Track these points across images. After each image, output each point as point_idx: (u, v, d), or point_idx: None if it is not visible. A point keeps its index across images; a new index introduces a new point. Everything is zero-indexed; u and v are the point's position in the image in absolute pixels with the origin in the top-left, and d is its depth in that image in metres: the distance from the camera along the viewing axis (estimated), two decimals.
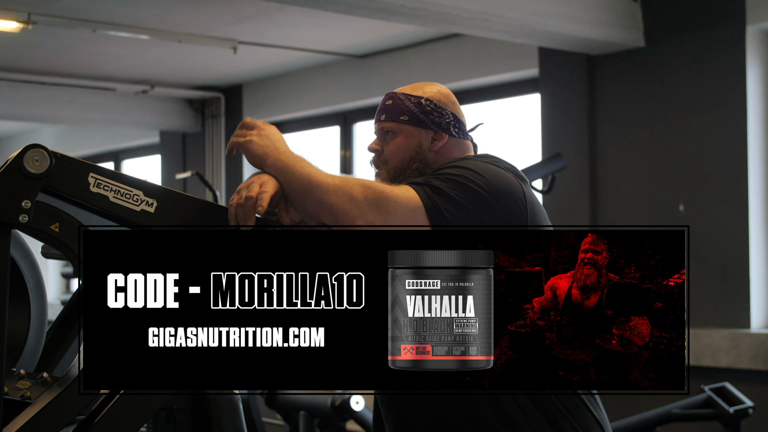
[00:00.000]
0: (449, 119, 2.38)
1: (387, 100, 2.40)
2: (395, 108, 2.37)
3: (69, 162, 1.90)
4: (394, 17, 5.23)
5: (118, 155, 11.19)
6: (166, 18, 6.58)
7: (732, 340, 5.40)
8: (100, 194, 1.92)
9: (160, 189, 1.99)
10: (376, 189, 2.07)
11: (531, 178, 5.49)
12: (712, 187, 5.60)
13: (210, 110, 9.38)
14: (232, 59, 7.71)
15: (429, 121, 2.35)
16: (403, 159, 2.34)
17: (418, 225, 2.06)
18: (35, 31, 6.60)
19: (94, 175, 1.91)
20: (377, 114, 2.41)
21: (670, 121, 5.78)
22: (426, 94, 2.39)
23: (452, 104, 2.42)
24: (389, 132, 2.37)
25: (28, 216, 1.85)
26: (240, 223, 2.01)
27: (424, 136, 2.35)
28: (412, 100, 2.37)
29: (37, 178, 1.86)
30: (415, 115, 2.35)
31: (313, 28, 6.86)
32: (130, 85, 8.80)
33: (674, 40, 5.76)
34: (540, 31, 5.56)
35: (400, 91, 2.40)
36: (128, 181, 1.95)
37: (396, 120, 2.36)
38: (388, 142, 2.37)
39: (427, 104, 2.37)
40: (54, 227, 1.88)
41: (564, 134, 6.28)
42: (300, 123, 8.91)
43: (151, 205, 1.97)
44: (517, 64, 6.78)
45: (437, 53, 7.31)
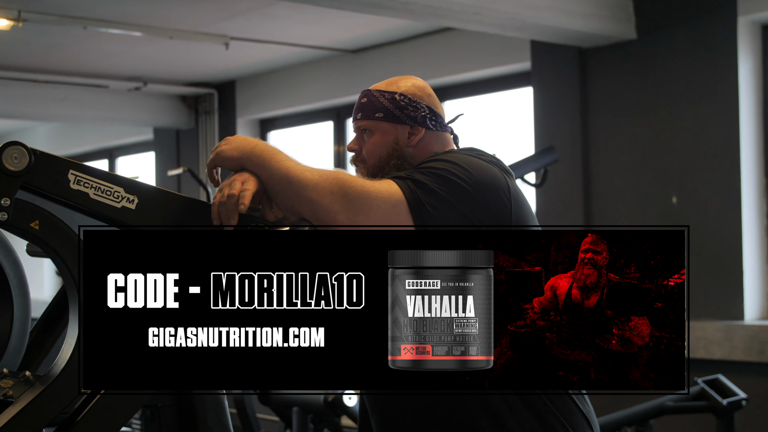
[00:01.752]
0: (425, 112, 2.36)
1: (362, 98, 2.39)
2: (370, 106, 2.36)
3: (49, 159, 1.88)
4: (385, 11, 5.22)
5: (112, 152, 11.18)
6: (156, 14, 6.56)
7: (726, 332, 5.39)
8: (80, 191, 1.90)
9: (141, 186, 1.97)
10: (357, 184, 2.05)
11: (523, 172, 5.48)
12: (705, 179, 5.59)
13: (203, 107, 9.36)
14: (224, 55, 7.68)
15: (404, 116, 2.34)
16: (380, 156, 2.33)
17: (401, 219, 2.05)
18: (26, 28, 6.58)
19: (74, 172, 1.90)
20: (354, 113, 2.40)
21: (662, 114, 5.77)
22: (400, 88, 2.37)
23: (428, 97, 2.40)
24: (366, 130, 2.36)
25: (7, 214, 1.84)
26: (223, 222, 2.00)
27: (401, 132, 2.34)
28: (386, 96, 2.35)
29: (16, 176, 1.84)
30: (390, 110, 2.34)
31: (305, 23, 6.84)
32: (123, 82, 8.78)
33: (666, 32, 5.74)
34: (531, 24, 5.55)
35: (375, 88, 2.39)
36: (109, 178, 1.94)
37: (371, 118, 2.35)
38: (365, 141, 2.36)
39: (401, 99, 2.35)
40: (34, 225, 1.87)
41: (557, 127, 6.27)
42: (293, 119, 8.90)
43: (132, 202, 1.96)
44: (510, 57, 6.77)
45: (430, 47, 7.29)
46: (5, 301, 2.15)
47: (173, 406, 2.17)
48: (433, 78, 7.23)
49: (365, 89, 2.42)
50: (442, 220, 2.08)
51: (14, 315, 2.16)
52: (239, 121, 9.09)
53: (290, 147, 8.94)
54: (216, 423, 2.15)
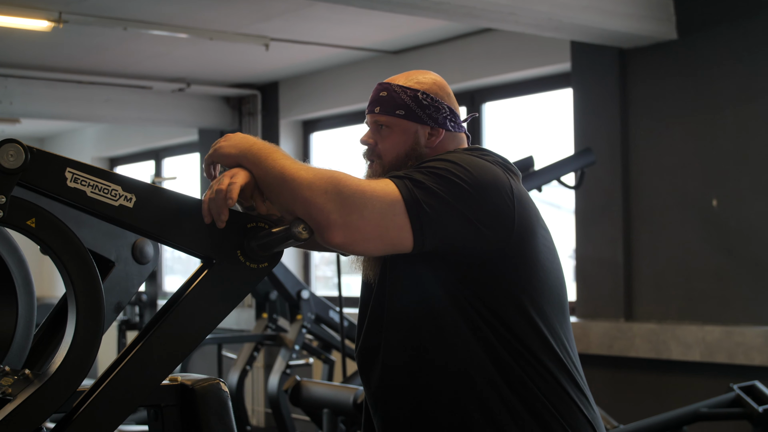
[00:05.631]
0: (446, 113, 2.31)
1: (381, 91, 2.32)
2: (390, 101, 2.29)
3: (45, 157, 1.87)
4: (418, 11, 5.18)
5: (158, 153, 11.27)
6: (195, 15, 6.58)
7: (766, 337, 5.29)
8: (77, 189, 1.89)
9: (140, 184, 1.96)
10: (352, 182, 2.00)
11: (559, 174, 5.41)
12: (746, 182, 5.49)
13: (247, 108, 9.39)
14: (265, 56, 7.70)
15: (426, 116, 2.28)
16: (398, 155, 2.28)
17: (397, 219, 2.01)
18: (67, 29, 6.63)
19: (71, 170, 1.89)
20: (370, 105, 2.33)
21: (703, 115, 5.68)
22: (422, 86, 2.30)
23: (447, 96, 2.34)
24: (383, 125, 2.30)
25: (2, 211, 1.83)
26: (213, 218, 1.98)
27: (421, 132, 2.29)
28: (408, 93, 2.29)
29: (12, 173, 1.83)
30: (412, 109, 2.28)
31: (344, 23, 6.83)
32: (166, 83, 8.82)
33: (707, 32, 5.65)
34: (568, 24, 5.48)
35: (395, 82, 2.32)
36: (107, 176, 1.92)
37: (392, 114, 2.29)
38: (382, 136, 2.30)
39: (424, 98, 2.29)
40: (30, 222, 1.86)
41: (596, 129, 6.20)
42: (336, 120, 8.90)
43: (130, 200, 1.94)
44: (550, 58, 6.71)
45: (470, 48, 7.25)
46: (10, 299, 2.16)
47: (176, 405, 2.16)
48: (474, 79, 7.19)
49: (383, 81, 2.35)
50: (439, 220, 2.04)
51: (18, 313, 2.16)
52: (282, 122, 9.10)
53: (333, 148, 8.96)
54: (219, 423, 2.14)
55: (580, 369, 2.22)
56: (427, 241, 2.04)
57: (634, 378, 5.95)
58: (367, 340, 2.27)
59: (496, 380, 2.10)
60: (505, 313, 2.12)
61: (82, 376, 1.89)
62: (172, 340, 1.99)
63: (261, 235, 2.01)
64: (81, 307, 1.89)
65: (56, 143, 12.76)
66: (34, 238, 1.88)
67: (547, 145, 7.13)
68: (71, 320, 1.92)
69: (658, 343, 5.74)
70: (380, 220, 2.00)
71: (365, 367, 2.28)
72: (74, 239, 1.89)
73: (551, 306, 2.17)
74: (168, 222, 1.99)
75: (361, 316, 2.33)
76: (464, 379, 2.12)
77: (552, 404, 2.11)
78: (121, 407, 1.95)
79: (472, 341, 2.11)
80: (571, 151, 6.31)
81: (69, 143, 12.54)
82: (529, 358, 2.12)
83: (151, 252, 2.38)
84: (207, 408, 2.14)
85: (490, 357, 2.11)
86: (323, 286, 9.47)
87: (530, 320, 2.13)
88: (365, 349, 2.28)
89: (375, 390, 2.25)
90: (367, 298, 2.31)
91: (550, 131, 7.19)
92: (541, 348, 2.13)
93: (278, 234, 1.99)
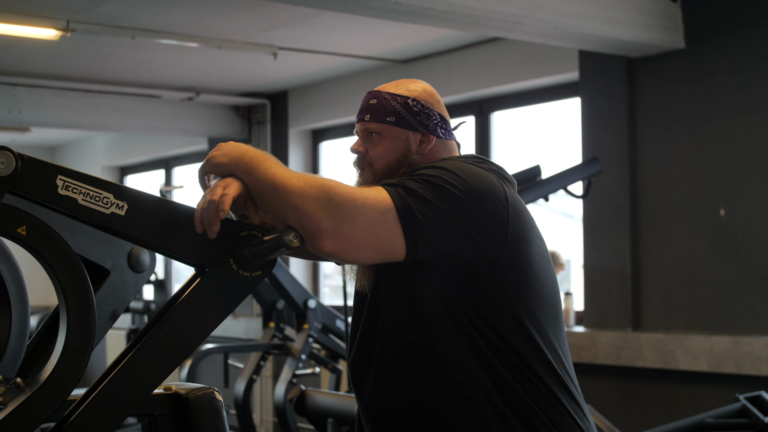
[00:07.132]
0: (436, 120, 2.30)
1: (371, 98, 2.31)
2: (380, 108, 2.28)
3: (36, 164, 1.87)
4: (424, 20, 5.16)
5: (168, 162, 11.28)
6: (204, 24, 6.59)
7: None
8: (68, 197, 1.89)
9: (132, 192, 1.95)
10: (343, 191, 1.99)
11: (565, 183, 5.39)
12: (754, 192, 5.46)
13: (256, 117, 9.39)
14: (274, 65, 7.70)
15: (416, 122, 2.27)
16: (390, 162, 2.26)
17: (389, 227, 1.99)
18: (75, 38, 6.65)
19: (62, 178, 1.89)
20: (360, 113, 2.32)
21: (711, 125, 5.65)
22: (412, 93, 2.30)
23: (437, 103, 2.33)
24: (374, 133, 2.29)
25: None
26: (206, 228, 1.97)
27: (412, 139, 2.28)
28: (398, 100, 2.28)
29: (3, 181, 1.83)
30: (402, 116, 2.27)
31: (351, 32, 6.83)
32: (175, 92, 8.83)
33: (715, 42, 5.63)
34: (576, 33, 5.46)
35: (385, 90, 2.31)
36: (98, 184, 1.92)
37: (382, 121, 2.28)
38: (373, 144, 2.29)
39: (414, 105, 2.28)
40: (21, 230, 1.85)
41: (604, 138, 6.18)
42: (345, 129, 8.89)
43: (122, 208, 1.94)
44: (558, 68, 6.69)
45: (478, 58, 7.24)
46: (3, 307, 2.15)
47: (170, 414, 2.15)
48: (482, 88, 7.18)
49: (372, 90, 2.34)
50: (432, 229, 2.02)
51: (12, 321, 2.15)
52: (291, 131, 9.10)
53: (342, 158, 8.94)
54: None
55: (574, 379, 2.20)
56: (420, 249, 2.02)
57: (641, 388, 5.92)
58: (360, 351, 2.26)
59: (490, 391, 2.09)
60: (500, 323, 2.10)
61: (73, 385, 1.88)
62: (163, 348, 1.99)
63: (253, 244, 2.00)
64: (72, 316, 1.89)
65: (67, 152, 12.79)
66: (24, 245, 1.88)
67: (556, 154, 7.11)
68: (62, 329, 1.91)
69: (665, 353, 5.71)
70: (372, 228, 1.98)
71: (358, 377, 2.26)
72: (65, 247, 1.88)
73: (546, 315, 2.15)
74: (160, 230, 1.98)
75: (354, 326, 2.32)
76: (458, 390, 2.10)
77: (546, 415, 2.09)
78: (112, 416, 1.94)
79: (467, 352, 2.09)
80: (579, 160, 6.28)
81: (79, 152, 12.56)
82: (523, 369, 2.10)
83: (147, 260, 2.37)
84: (201, 417, 2.13)
85: (484, 368, 2.09)
86: (337, 295, 9.44)
87: (525, 330, 2.11)
88: (358, 360, 2.27)
89: (368, 401, 2.23)
90: (360, 309, 2.30)
91: (558, 140, 7.17)
92: (536, 359, 2.11)
93: (269, 242, 1.98)
